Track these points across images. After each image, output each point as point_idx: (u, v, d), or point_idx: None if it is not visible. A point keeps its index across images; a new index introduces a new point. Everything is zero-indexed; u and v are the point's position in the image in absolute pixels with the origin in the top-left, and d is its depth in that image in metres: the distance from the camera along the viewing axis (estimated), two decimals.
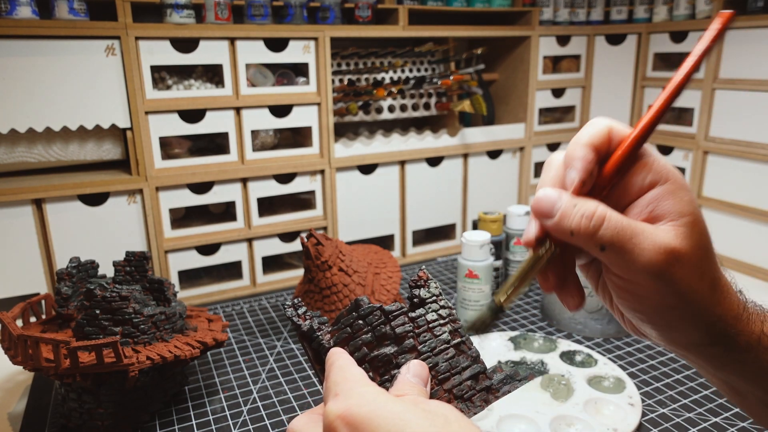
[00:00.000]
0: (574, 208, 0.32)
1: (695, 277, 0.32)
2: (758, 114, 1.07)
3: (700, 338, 0.34)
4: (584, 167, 0.33)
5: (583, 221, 0.32)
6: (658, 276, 0.31)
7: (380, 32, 1.08)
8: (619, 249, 0.31)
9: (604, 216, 0.32)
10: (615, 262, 0.33)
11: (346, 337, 0.39)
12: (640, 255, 0.31)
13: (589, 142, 0.33)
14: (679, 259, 0.31)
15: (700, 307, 0.32)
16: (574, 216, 0.32)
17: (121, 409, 0.64)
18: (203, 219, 1.05)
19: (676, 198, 0.32)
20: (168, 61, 0.93)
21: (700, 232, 0.32)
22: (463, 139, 1.22)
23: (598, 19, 1.34)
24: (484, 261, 0.86)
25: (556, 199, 0.33)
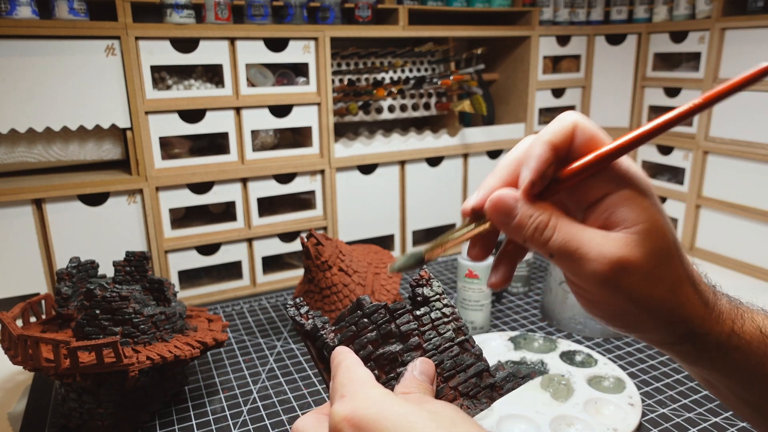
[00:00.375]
0: (530, 219, 0.33)
1: (648, 284, 0.32)
2: (758, 114, 1.07)
3: (666, 338, 0.34)
4: (538, 168, 0.32)
5: (536, 233, 0.33)
6: (604, 284, 0.32)
7: (380, 32, 1.08)
8: (567, 258, 0.32)
9: (555, 228, 0.32)
10: (565, 269, 0.34)
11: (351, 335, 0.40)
12: (585, 265, 0.32)
13: (549, 140, 0.33)
14: (627, 268, 0.31)
15: (658, 312, 0.33)
16: (529, 226, 0.33)
17: (121, 409, 0.64)
18: (203, 219, 1.05)
19: (633, 205, 0.32)
20: (168, 61, 0.93)
21: (655, 239, 0.32)
22: (463, 139, 1.22)
23: (598, 19, 1.34)
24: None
25: (513, 207, 0.33)
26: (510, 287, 1.02)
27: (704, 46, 1.15)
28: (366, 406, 0.30)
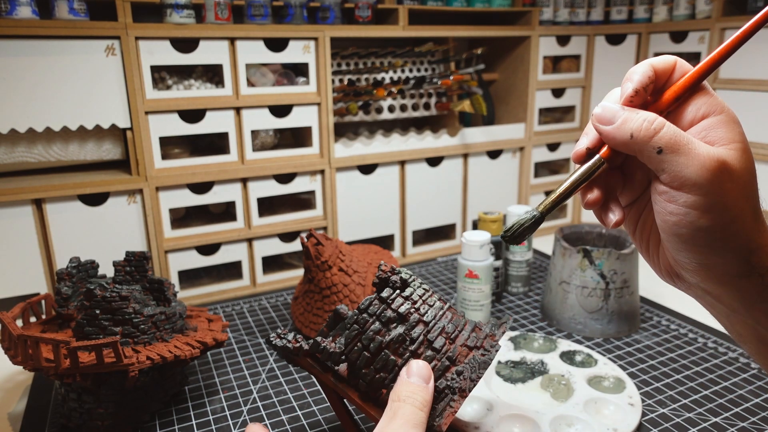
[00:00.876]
0: (637, 114, 0.34)
1: (742, 196, 0.33)
2: (758, 114, 1.07)
3: (739, 266, 0.34)
4: (641, 80, 0.35)
5: (645, 124, 0.34)
6: (708, 183, 0.32)
7: (380, 32, 1.08)
8: (676, 151, 0.33)
9: (664, 123, 0.34)
10: (668, 168, 0.33)
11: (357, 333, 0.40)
12: (695, 159, 0.32)
13: (653, 63, 0.35)
14: (730, 171, 0.33)
15: (742, 231, 0.33)
16: (635, 120, 0.34)
17: (121, 409, 0.64)
18: (203, 219, 1.05)
19: (729, 128, 0.34)
20: (168, 61, 0.93)
21: (748, 159, 0.34)
22: (463, 139, 1.22)
23: (598, 19, 1.34)
24: (484, 261, 0.86)
25: (618, 109, 0.35)
26: (510, 287, 1.02)
27: (704, 46, 1.15)
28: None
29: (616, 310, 0.85)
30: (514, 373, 0.75)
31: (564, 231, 0.94)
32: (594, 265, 0.85)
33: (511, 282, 1.02)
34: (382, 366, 0.40)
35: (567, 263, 0.87)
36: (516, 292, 1.02)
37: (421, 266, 1.18)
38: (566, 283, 0.87)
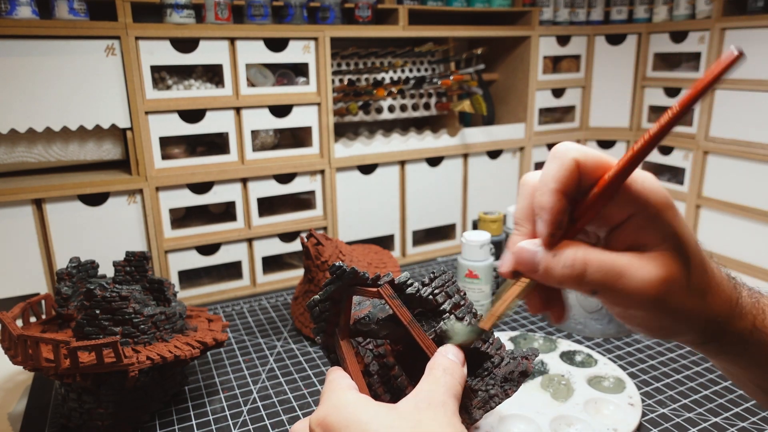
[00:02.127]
0: (554, 259, 0.32)
1: (690, 296, 0.33)
2: (758, 114, 1.07)
3: (695, 339, 0.35)
4: (551, 220, 0.32)
5: (567, 271, 0.32)
6: (653, 306, 0.32)
7: (380, 32, 1.08)
8: (611, 290, 0.32)
9: (585, 261, 0.32)
10: (609, 301, 0.34)
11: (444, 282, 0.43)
12: (632, 293, 0.31)
13: (556, 187, 0.32)
14: (671, 284, 0.32)
15: (694, 318, 0.33)
16: (556, 268, 0.32)
17: (121, 409, 0.64)
18: (203, 219, 1.05)
19: (657, 223, 0.32)
20: (168, 61, 0.93)
21: (687, 250, 0.32)
22: (463, 139, 1.22)
23: (598, 19, 1.34)
24: (484, 261, 0.86)
25: (534, 254, 0.33)
26: None
27: (704, 46, 1.15)
28: (337, 411, 0.34)
29: None
30: None
31: None
32: None
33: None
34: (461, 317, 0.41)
35: None
36: None
37: (421, 266, 1.18)
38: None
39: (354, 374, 0.41)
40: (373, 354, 0.43)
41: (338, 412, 0.34)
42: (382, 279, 0.41)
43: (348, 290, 0.42)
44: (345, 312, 0.43)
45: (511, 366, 0.41)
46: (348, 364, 0.41)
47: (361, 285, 0.42)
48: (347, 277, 0.42)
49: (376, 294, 0.41)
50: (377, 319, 0.43)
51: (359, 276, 0.42)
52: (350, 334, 0.43)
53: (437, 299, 0.41)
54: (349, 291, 0.42)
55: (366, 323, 0.43)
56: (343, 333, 0.43)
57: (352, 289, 0.42)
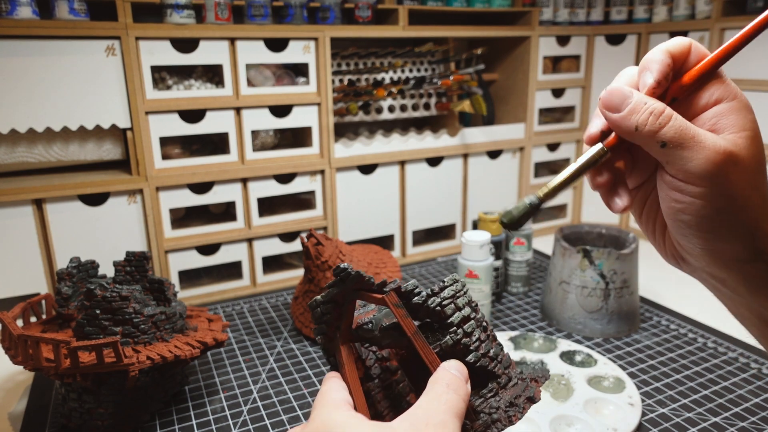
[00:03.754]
0: (644, 105, 0.34)
1: (749, 185, 0.33)
2: (758, 114, 1.07)
3: (745, 251, 0.34)
4: (661, 69, 0.34)
5: (651, 118, 0.33)
6: (713, 175, 0.32)
7: (380, 32, 1.08)
8: (680, 146, 0.33)
9: (671, 116, 0.33)
10: (673, 161, 0.34)
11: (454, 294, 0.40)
12: (699, 152, 0.32)
13: (669, 49, 0.34)
14: (737, 162, 0.32)
15: (750, 217, 0.34)
16: (642, 112, 0.34)
17: (122, 409, 0.64)
18: (203, 219, 1.05)
19: (740, 115, 0.34)
20: (168, 61, 0.93)
21: (758, 147, 0.34)
22: (463, 139, 1.22)
23: (598, 19, 1.34)
24: (484, 261, 0.86)
25: (627, 95, 0.34)
26: (510, 287, 1.02)
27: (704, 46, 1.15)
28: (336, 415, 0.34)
29: (615, 310, 0.85)
30: None
31: (564, 231, 0.94)
32: (594, 265, 0.85)
33: (511, 282, 1.02)
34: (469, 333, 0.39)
35: (567, 263, 0.87)
36: (516, 292, 1.02)
37: (421, 266, 1.18)
38: (566, 283, 0.87)
39: (351, 382, 0.39)
40: (375, 357, 0.41)
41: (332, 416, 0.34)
42: (389, 285, 0.39)
43: (352, 294, 0.41)
44: (347, 316, 0.41)
45: (518, 389, 0.39)
46: (346, 371, 0.40)
47: (365, 290, 0.40)
48: (351, 281, 0.40)
49: (381, 301, 0.39)
50: (380, 326, 0.41)
51: (364, 280, 0.40)
52: (351, 338, 0.42)
53: (446, 311, 0.39)
54: (353, 295, 0.41)
55: (368, 330, 0.41)
56: (344, 337, 0.41)
57: (356, 293, 0.40)
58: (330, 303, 0.41)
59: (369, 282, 0.40)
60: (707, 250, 0.36)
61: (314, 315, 0.41)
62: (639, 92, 0.34)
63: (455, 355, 0.38)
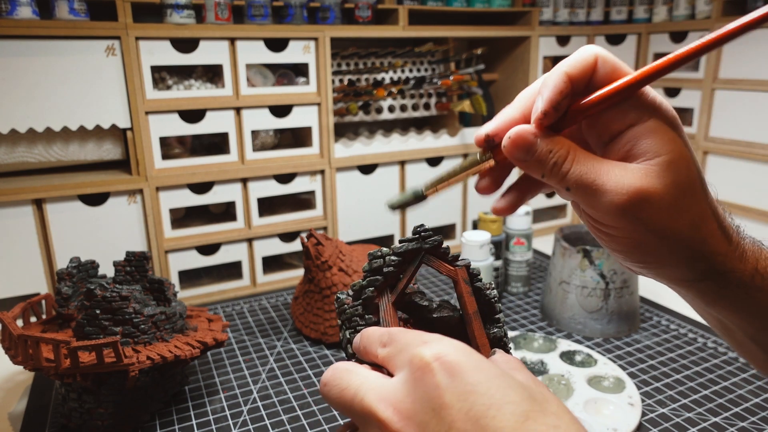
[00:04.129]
0: (550, 154, 0.32)
1: (669, 216, 0.31)
2: (758, 114, 1.07)
3: (687, 274, 0.33)
4: (551, 98, 0.32)
5: (556, 167, 0.32)
6: (622, 215, 0.31)
7: (380, 32, 1.08)
8: (583, 190, 0.32)
9: (573, 159, 0.32)
10: (582, 202, 0.33)
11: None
12: (602, 196, 0.31)
13: (566, 70, 0.32)
14: (647, 199, 0.31)
15: (679, 246, 0.32)
16: (548, 161, 0.32)
17: (122, 409, 0.64)
18: (203, 219, 1.05)
19: (657, 136, 0.31)
20: (168, 61, 0.93)
21: (678, 170, 0.31)
22: (463, 139, 1.22)
23: (598, 19, 1.34)
24: (484, 261, 0.86)
25: (533, 142, 0.33)
26: (510, 287, 1.02)
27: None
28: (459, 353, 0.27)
29: (615, 310, 0.85)
30: None
31: (564, 231, 0.94)
32: (594, 265, 0.85)
33: (511, 282, 1.02)
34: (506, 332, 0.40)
35: (567, 263, 0.87)
36: (516, 292, 1.02)
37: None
38: (566, 283, 0.87)
39: None
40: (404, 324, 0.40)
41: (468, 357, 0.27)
42: (460, 261, 0.39)
43: (422, 257, 0.39)
44: (407, 278, 0.38)
45: None
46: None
47: (438, 257, 0.39)
48: (431, 242, 0.38)
49: (452, 272, 0.38)
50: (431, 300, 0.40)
51: (442, 247, 0.38)
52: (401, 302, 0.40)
53: (496, 306, 0.39)
54: (423, 258, 0.38)
55: (423, 298, 0.40)
56: (396, 297, 0.38)
57: (427, 258, 0.39)
58: (399, 257, 0.38)
59: (446, 250, 0.39)
60: (649, 273, 0.35)
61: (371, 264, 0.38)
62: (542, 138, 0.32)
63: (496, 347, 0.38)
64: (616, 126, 0.32)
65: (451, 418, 0.25)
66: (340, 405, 0.30)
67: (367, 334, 0.33)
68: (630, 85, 0.31)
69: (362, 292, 0.38)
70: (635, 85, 0.31)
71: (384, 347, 0.31)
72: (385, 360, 0.30)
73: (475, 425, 0.25)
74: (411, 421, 0.26)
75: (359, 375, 0.30)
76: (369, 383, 0.29)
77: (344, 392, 0.29)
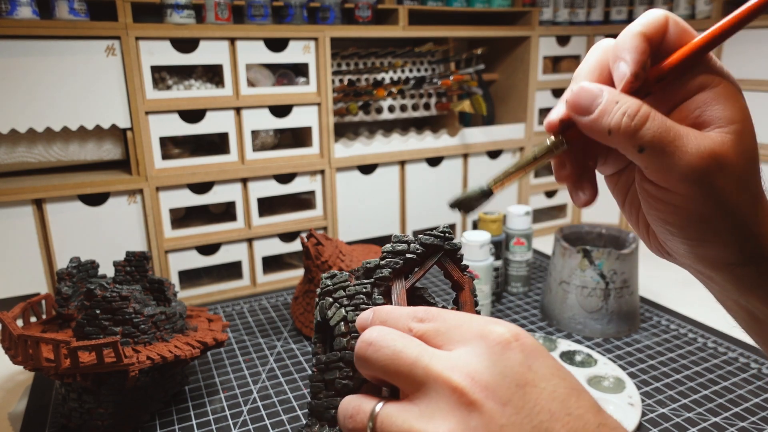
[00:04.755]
0: (616, 105, 0.30)
1: (738, 187, 0.30)
2: (758, 114, 1.07)
3: (733, 256, 0.32)
4: (637, 59, 0.30)
5: (624, 120, 0.29)
6: (698, 181, 0.29)
7: (380, 32, 1.08)
8: (660, 151, 0.29)
9: (648, 115, 0.29)
10: (653, 166, 0.30)
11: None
12: (681, 158, 0.29)
13: (643, 31, 0.30)
14: (723, 166, 0.29)
15: (738, 221, 0.31)
16: (614, 113, 0.30)
17: (122, 409, 0.64)
18: (203, 219, 1.05)
19: (727, 103, 0.30)
20: (168, 61, 0.93)
21: (748, 142, 0.30)
22: (463, 139, 1.22)
23: (598, 19, 1.34)
24: (484, 261, 0.86)
25: (596, 95, 0.30)
26: (510, 287, 1.02)
27: None
28: (531, 338, 0.28)
29: (615, 310, 0.85)
30: None
31: (564, 231, 0.94)
32: (594, 265, 0.85)
33: (510, 282, 1.02)
34: None
35: (567, 263, 0.87)
36: (516, 292, 1.02)
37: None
38: (566, 283, 0.87)
39: None
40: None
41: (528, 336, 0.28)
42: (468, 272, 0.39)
43: (439, 255, 0.39)
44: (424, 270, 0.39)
45: None
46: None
47: (453, 261, 0.39)
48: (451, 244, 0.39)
49: (462, 279, 0.38)
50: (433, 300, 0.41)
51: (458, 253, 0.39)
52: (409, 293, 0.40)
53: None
54: (439, 257, 0.39)
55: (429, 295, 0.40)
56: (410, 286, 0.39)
57: (444, 258, 0.39)
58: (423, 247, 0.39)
59: (460, 256, 0.39)
60: (692, 253, 0.33)
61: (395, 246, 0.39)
62: (610, 89, 0.30)
63: None
64: (685, 91, 0.31)
65: (536, 396, 0.26)
66: (391, 368, 0.28)
67: (387, 310, 0.32)
68: (706, 44, 0.30)
69: (375, 272, 0.38)
70: (710, 43, 0.30)
71: (422, 322, 0.30)
72: (427, 334, 0.29)
73: (560, 405, 0.26)
74: (492, 393, 0.26)
75: (414, 341, 0.29)
76: (431, 351, 0.28)
77: (400, 354, 0.28)
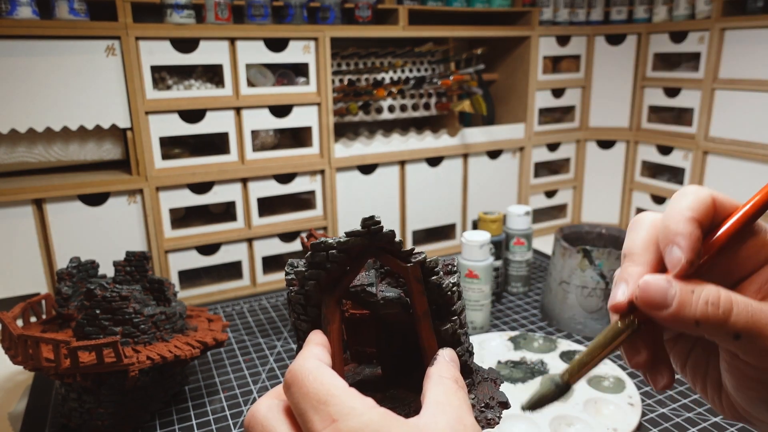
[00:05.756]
0: (693, 295, 0.28)
1: None
2: (758, 114, 1.07)
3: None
4: (691, 246, 0.28)
5: (710, 309, 0.27)
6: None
7: (380, 32, 1.08)
8: (758, 335, 0.27)
9: (731, 301, 0.27)
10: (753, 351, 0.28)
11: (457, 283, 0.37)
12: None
13: (693, 216, 0.28)
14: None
15: None
16: (696, 304, 0.27)
17: (122, 408, 0.64)
18: (203, 219, 1.05)
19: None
20: (168, 61, 0.93)
21: None
22: (463, 139, 1.22)
23: (597, 19, 1.34)
24: (484, 261, 0.86)
25: (665, 286, 0.28)
26: (510, 287, 1.02)
27: (704, 46, 1.15)
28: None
29: None
30: (514, 373, 0.75)
31: (564, 231, 0.94)
32: (594, 265, 0.85)
33: (511, 282, 1.02)
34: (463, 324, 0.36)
35: (567, 263, 0.87)
36: (516, 292, 1.02)
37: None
38: (566, 283, 0.87)
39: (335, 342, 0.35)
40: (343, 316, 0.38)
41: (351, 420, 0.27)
42: (414, 257, 0.35)
43: (372, 251, 0.36)
44: (353, 273, 0.36)
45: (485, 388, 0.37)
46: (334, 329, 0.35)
47: (390, 253, 0.35)
48: (380, 238, 0.34)
49: (403, 270, 0.35)
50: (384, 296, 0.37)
51: (395, 243, 0.35)
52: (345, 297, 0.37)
53: (453, 298, 0.36)
54: (373, 252, 0.36)
55: (370, 294, 0.37)
56: (339, 294, 0.36)
57: (376, 252, 0.35)
58: (342, 253, 0.35)
59: (398, 245, 0.35)
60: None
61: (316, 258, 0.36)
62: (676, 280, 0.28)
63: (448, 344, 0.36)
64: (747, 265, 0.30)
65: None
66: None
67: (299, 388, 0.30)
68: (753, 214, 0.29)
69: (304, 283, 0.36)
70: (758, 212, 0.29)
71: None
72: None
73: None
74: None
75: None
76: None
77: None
